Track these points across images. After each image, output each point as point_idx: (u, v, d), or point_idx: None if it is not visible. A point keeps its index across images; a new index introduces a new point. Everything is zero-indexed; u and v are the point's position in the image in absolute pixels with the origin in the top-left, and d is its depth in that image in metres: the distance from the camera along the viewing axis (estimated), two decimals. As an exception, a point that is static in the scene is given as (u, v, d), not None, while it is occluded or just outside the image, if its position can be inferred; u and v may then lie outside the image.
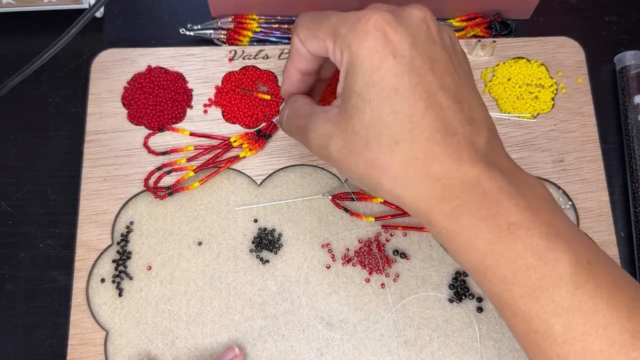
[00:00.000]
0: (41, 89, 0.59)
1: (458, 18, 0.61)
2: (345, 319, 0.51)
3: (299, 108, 0.43)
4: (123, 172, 0.55)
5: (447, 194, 0.35)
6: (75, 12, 0.55)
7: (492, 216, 0.34)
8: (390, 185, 0.36)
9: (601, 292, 0.33)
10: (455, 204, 0.35)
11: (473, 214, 0.34)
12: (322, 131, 0.39)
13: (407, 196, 0.36)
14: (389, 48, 0.35)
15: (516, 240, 0.34)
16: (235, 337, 0.51)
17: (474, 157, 0.35)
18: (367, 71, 0.35)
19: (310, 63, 0.43)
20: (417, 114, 0.35)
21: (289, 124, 0.44)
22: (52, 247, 0.54)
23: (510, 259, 0.34)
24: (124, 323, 0.51)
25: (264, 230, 0.53)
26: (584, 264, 0.34)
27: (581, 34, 0.61)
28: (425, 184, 0.35)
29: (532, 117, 0.57)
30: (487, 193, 0.34)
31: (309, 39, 0.40)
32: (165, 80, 0.57)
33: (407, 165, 0.35)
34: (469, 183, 0.35)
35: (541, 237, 0.34)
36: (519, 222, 0.34)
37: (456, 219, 0.35)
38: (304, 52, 0.42)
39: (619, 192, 0.57)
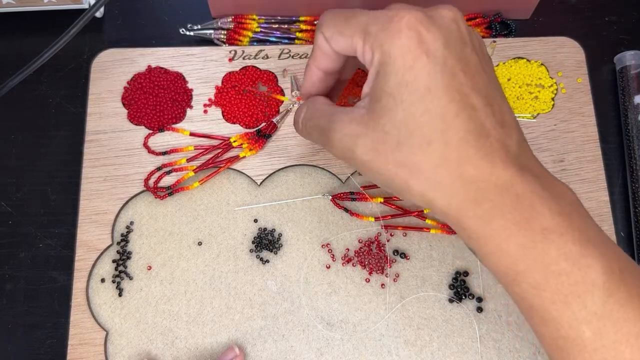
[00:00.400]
0: (41, 89, 0.59)
1: (458, 18, 0.61)
2: (345, 319, 0.51)
3: (319, 108, 0.42)
4: (123, 172, 0.55)
5: (479, 197, 0.34)
6: (75, 12, 0.55)
7: (525, 220, 0.34)
8: (421, 187, 0.35)
9: (632, 300, 0.33)
10: (487, 206, 0.34)
11: (505, 217, 0.34)
12: (348, 132, 0.37)
13: (438, 198, 0.35)
14: (422, 47, 0.34)
15: (550, 245, 0.33)
16: (235, 337, 0.51)
17: (507, 159, 0.34)
18: (400, 70, 0.35)
19: (334, 62, 0.42)
20: (450, 115, 0.34)
21: (306, 124, 0.43)
22: (52, 247, 0.54)
23: (543, 264, 0.33)
24: (124, 323, 0.51)
25: (264, 230, 0.53)
26: (615, 272, 0.33)
27: (581, 34, 0.61)
28: (457, 185, 0.34)
29: (532, 117, 0.57)
30: (521, 196, 0.34)
31: (335, 36, 0.39)
32: (165, 80, 0.57)
33: (439, 166, 0.34)
34: (502, 186, 0.34)
35: (574, 242, 0.33)
36: (553, 227, 0.33)
37: (488, 222, 0.34)
38: (328, 50, 0.41)
39: (619, 192, 0.57)
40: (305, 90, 0.45)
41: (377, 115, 0.36)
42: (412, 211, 0.54)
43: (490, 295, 0.52)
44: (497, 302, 0.52)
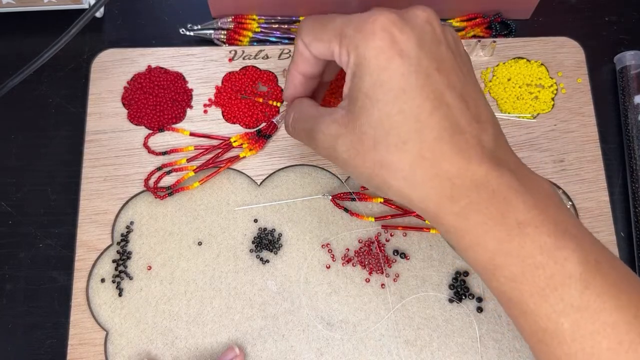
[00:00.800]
0: (41, 89, 0.59)
1: (458, 18, 0.61)
2: (345, 319, 0.51)
3: (305, 110, 0.43)
4: (123, 172, 0.55)
5: (455, 193, 0.35)
6: (75, 12, 0.55)
7: (501, 214, 0.34)
8: (399, 185, 0.36)
9: (609, 291, 0.33)
10: (464, 202, 0.35)
11: (482, 213, 0.34)
12: (329, 132, 0.39)
13: (416, 196, 0.36)
14: (396, 48, 0.35)
15: (525, 239, 0.34)
16: (235, 337, 0.51)
17: (482, 155, 0.35)
18: (375, 71, 0.35)
19: (314, 67, 0.43)
20: (425, 114, 0.35)
21: (295, 127, 0.44)
22: (52, 247, 0.54)
23: (519, 257, 0.34)
24: (124, 323, 0.51)
25: (264, 230, 0.53)
26: (592, 263, 0.34)
27: (581, 34, 0.61)
28: (433, 183, 0.35)
29: (532, 117, 0.57)
30: (496, 191, 0.34)
31: (313, 42, 0.40)
32: (165, 80, 0.57)
33: (415, 164, 0.35)
34: (478, 182, 0.35)
35: (550, 235, 0.34)
36: (528, 220, 0.34)
37: (465, 217, 0.35)
38: (308, 55, 0.42)
39: (619, 192, 0.57)
40: (288, 93, 0.46)
41: (354, 115, 0.37)
42: (412, 211, 0.54)
43: (490, 296, 0.52)
44: (497, 302, 0.51)
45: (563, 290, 0.33)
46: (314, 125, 0.40)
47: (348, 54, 0.37)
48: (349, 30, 0.37)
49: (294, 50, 0.43)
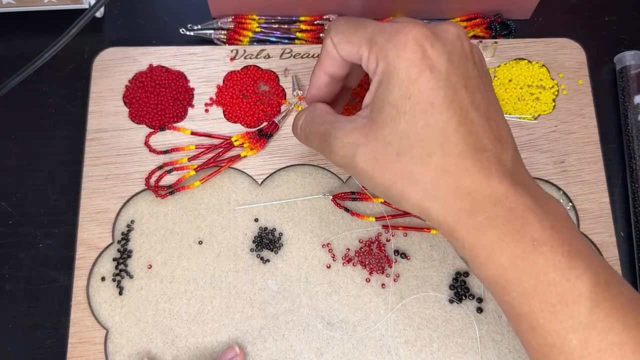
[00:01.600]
0: (41, 89, 0.59)
1: (458, 18, 0.62)
2: (346, 319, 0.51)
3: (320, 115, 0.43)
4: (124, 171, 0.55)
5: (475, 208, 0.35)
6: (75, 12, 0.55)
7: (517, 232, 0.35)
8: (418, 196, 0.36)
9: (617, 311, 0.34)
10: (482, 218, 0.35)
11: (499, 229, 0.35)
12: (349, 140, 0.39)
13: (435, 209, 0.36)
14: (427, 62, 0.36)
15: (539, 257, 0.34)
16: (235, 336, 0.51)
17: (502, 174, 0.36)
18: (404, 83, 0.36)
19: (340, 68, 0.43)
20: (451, 129, 0.35)
21: (306, 129, 0.44)
22: (52, 247, 0.54)
23: (532, 274, 0.34)
24: (124, 322, 0.51)
25: (265, 229, 0.53)
26: (602, 283, 0.34)
27: (581, 34, 0.61)
28: (455, 197, 0.36)
29: (533, 119, 0.57)
30: (514, 209, 0.35)
31: (342, 43, 0.40)
32: (166, 79, 0.57)
33: (438, 178, 0.36)
34: (497, 199, 0.35)
35: (564, 254, 0.34)
36: (543, 239, 0.35)
37: (482, 232, 0.35)
38: (336, 55, 0.42)
39: (619, 192, 0.57)
40: (310, 94, 0.45)
41: (378, 125, 0.37)
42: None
43: (490, 296, 0.52)
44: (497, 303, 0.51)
45: (573, 308, 0.34)
46: (330, 131, 0.40)
47: (377, 62, 0.37)
48: (380, 38, 0.37)
49: (322, 50, 0.43)
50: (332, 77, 0.44)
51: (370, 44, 0.38)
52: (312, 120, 0.43)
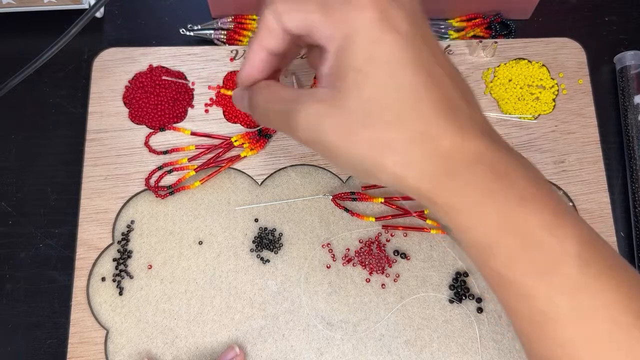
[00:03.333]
0: (41, 89, 0.59)
1: (458, 18, 0.62)
2: (345, 319, 0.51)
3: (277, 93, 0.39)
4: (124, 171, 0.55)
5: (454, 170, 0.33)
6: (75, 12, 0.55)
7: (501, 190, 0.33)
8: (394, 164, 0.34)
9: (605, 272, 0.33)
10: (462, 179, 0.33)
11: (481, 188, 0.33)
12: (314, 112, 0.35)
13: (411, 175, 0.34)
14: (389, 22, 0.34)
15: (527, 214, 0.33)
16: (235, 337, 0.51)
17: (479, 132, 0.34)
18: (368, 45, 0.34)
19: (281, 42, 0.39)
20: (422, 89, 0.33)
21: (266, 108, 0.40)
22: (52, 247, 0.54)
23: (519, 233, 0.33)
24: (124, 322, 0.51)
25: (265, 229, 0.53)
26: (589, 242, 0.33)
27: (581, 34, 0.61)
28: (432, 160, 0.33)
29: (533, 118, 0.57)
30: (495, 167, 0.33)
31: (288, 12, 0.37)
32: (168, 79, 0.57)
33: (412, 141, 0.33)
34: (476, 157, 0.33)
35: (550, 212, 0.33)
36: (528, 197, 0.33)
37: (463, 194, 0.33)
38: (276, 28, 0.38)
39: (619, 191, 0.57)
40: (245, 73, 0.41)
41: (343, 93, 0.34)
42: (412, 211, 0.54)
43: (490, 296, 0.52)
44: (497, 302, 0.51)
45: (562, 269, 0.32)
46: (293, 107, 0.37)
47: (334, 26, 0.35)
48: (335, 2, 0.35)
49: (259, 23, 0.39)
50: (271, 53, 0.40)
51: (323, 9, 0.35)
52: (271, 98, 0.39)
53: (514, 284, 0.34)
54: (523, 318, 0.35)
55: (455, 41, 0.60)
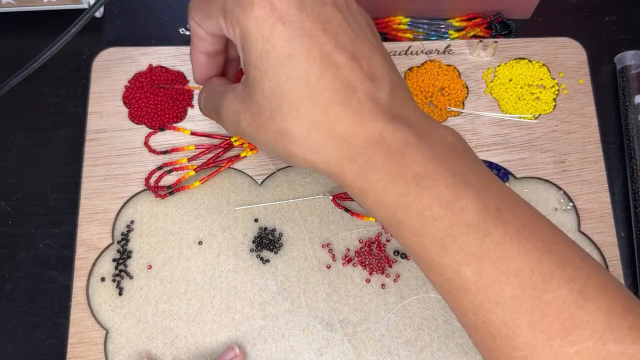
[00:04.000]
0: (41, 89, 0.59)
1: (458, 18, 0.61)
2: (346, 319, 0.51)
3: (213, 89, 0.43)
4: (124, 171, 0.55)
5: (353, 153, 0.35)
6: (75, 12, 0.55)
7: (398, 169, 0.34)
8: (300, 151, 0.36)
9: (510, 237, 0.33)
10: (361, 161, 0.35)
11: (379, 170, 0.34)
12: (232, 109, 0.39)
13: (318, 160, 0.36)
14: (276, 15, 0.35)
15: (423, 192, 0.34)
16: (235, 337, 0.51)
17: (376, 112, 0.35)
18: (259, 42, 0.35)
19: (213, 44, 0.42)
20: (314, 77, 0.35)
21: (206, 107, 0.43)
22: (52, 247, 0.54)
23: (418, 210, 0.34)
24: (124, 322, 0.51)
25: (265, 229, 0.53)
26: (492, 211, 0.34)
27: (581, 34, 0.61)
28: (331, 145, 0.35)
29: (533, 118, 0.57)
30: (392, 147, 0.34)
31: (203, 20, 0.40)
32: (166, 79, 0.57)
33: (311, 129, 0.35)
34: (373, 139, 0.34)
35: (447, 186, 0.34)
36: (425, 173, 0.34)
37: (364, 176, 0.35)
38: (203, 34, 0.41)
39: (619, 192, 0.57)
40: (197, 76, 0.45)
41: (249, 89, 0.37)
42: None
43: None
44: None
45: (462, 240, 0.33)
46: (220, 102, 0.40)
47: (233, 29, 0.37)
48: (229, 5, 0.36)
49: (190, 31, 0.42)
50: (209, 54, 0.43)
51: (224, 13, 0.37)
52: (207, 96, 0.43)
53: (423, 258, 0.35)
54: (437, 286, 0.36)
55: (455, 41, 0.60)
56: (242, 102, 0.38)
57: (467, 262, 0.33)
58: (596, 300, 0.32)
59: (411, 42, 0.60)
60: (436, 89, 0.58)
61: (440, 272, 0.34)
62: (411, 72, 0.58)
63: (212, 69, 0.45)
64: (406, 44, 0.59)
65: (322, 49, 0.35)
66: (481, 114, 0.57)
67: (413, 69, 0.58)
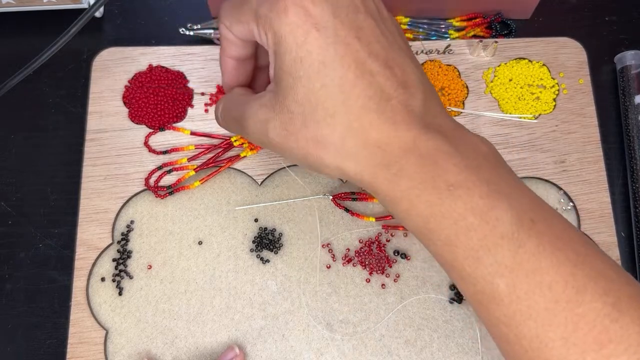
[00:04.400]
0: (41, 89, 0.59)
1: (458, 18, 0.61)
2: (346, 319, 0.51)
3: (234, 99, 0.42)
4: (124, 171, 0.55)
5: (386, 160, 0.35)
6: (75, 12, 0.55)
7: (431, 178, 0.34)
8: (333, 159, 0.36)
9: (544, 249, 0.33)
10: (395, 169, 0.34)
11: (412, 178, 0.34)
12: (259, 117, 0.38)
13: (350, 167, 0.36)
14: (311, 21, 0.34)
15: (457, 201, 0.33)
16: (235, 337, 0.51)
17: (410, 120, 0.35)
18: (293, 48, 0.35)
19: (243, 49, 0.42)
20: (348, 84, 0.34)
21: (225, 116, 0.43)
22: (52, 247, 0.54)
23: (451, 219, 0.34)
24: (123, 322, 0.51)
25: (265, 229, 0.53)
26: (526, 222, 0.34)
27: (581, 34, 0.61)
28: (365, 152, 0.35)
29: (533, 118, 0.57)
30: (425, 155, 0.34)
31: (234, 24, 0.39)
32: (166, 79, 0.57)
33: (345, 136, 0.35)
34: (406, 147, 0.34)
35: (482, 196, 0.33)
36: (459, 182, 0.34)
37: (397, 184, 0.35)
38: (233, 38, 0.41)
39: (619, 191, 0.57)
40: (225, 82, 0.45)
41: (281, 96, 0.36)
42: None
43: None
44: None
45: (496, 251, 0.33)
46: (243, 112, 0.40)
47: (266, 34, 0.36)
48: (263, 10, 0.36)
49: (220, 35, 0.42)
50: (239, 59, 0.43)
51: (256, 18, 0.37)
52: (227, 106, 0.43)
53: (455, 267, 0.35)
54: (469, 296, 0.36)
55: (455, 41, 0.60)
56: (270, 110, 0.37)
57: (500, 274, 0.33)
58: (630, 313, 0.32)
59: (411, 42, 0.60)
60: (436, 89, 0.58)
61: (473, 282, 0.34)
62: (411, 72, 0.58)
63: (241, 74, 0.44)
64: (406, 43, 0.59)
65: (356, 56, 0.35)
66: (481, 114, 0.57)
67: (413, 69, 0.58)
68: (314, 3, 0.35)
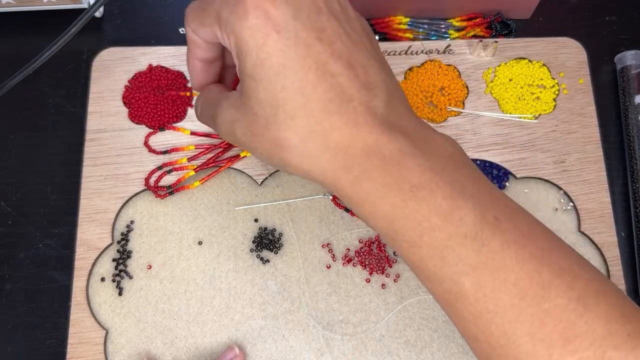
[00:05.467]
0: (41, 89, 0.59)
1: (458, 18, 0.61)
2: (346, 319, 0.51)
3: (209, 97, 0.43)
4: (123, 171, 0.55)
5: (349, 163, 0.34)
6: (75, 12, 0.55)
7: (394, 180, 0.34)
8: (296, 160, 0.36)
9: (509, 247, 0.33)
10: (357, 171, 0.34)
11: (375, 180, 0.34)
12: (227, 118, 0.38)
13: (314, 170, 0.36)
14: (271, 24, 0.34)
15: (420, 202, 0.33)
16: (235, 337, 0.51)
17: (372, 122, 0.34)
18: (253, 51, 0.35)
19: (209, 51, 0.42)
20: (309, 86, 0.34)
21: (203, 114, 0.43)
22: (51, 247, 0.54)
23: (415, 221, 0.33)
24: (123, 322, 0.51)
25: (265, 229, 0.53)
26: (490, 221, 0.33)
27: (581, 34, 0.61)
28: (327, 155, 0.35)
29: (533, 118, 0.57)
30: (387, 157, 0.34)
31: (198, 27, 0.39)
32: (166, 79, 0.57)
33: (306, 139, 0.35)
34: (369, 149, 0.34)
35: (445, 197, 0.33)
36: (422, 184, 0.34)
37: (360, 186, 0.34)
38: (199, 41, 0.41)
39: (619, 191, 0.57)
40: (194, 82, 0.45)
41: (245, 98, 0.36)
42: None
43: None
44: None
45: (460, 251, 0.33)
46: (215, 111, 0.40)
47: (228, 38, 0.36)
48: (224, 13, 0.36)
49: (187, 38, 0.42)
50: (206, 61, 0.43)
51: (219, 22, 0.37)
52: (204, 104, 0.43)
53: (421, 268, 0.35)
54: (437, 297, 0.36)
55: (455, 41, 0.60)
56: (237, 110, 0.38)
57: (465, 273, 0.33)
58: (595, 308, 0.32)
59: (411, 42, 0.60)
60: (436, 89, 0.58)
61: (439, 282, 0.34)
62: (411, 72, 0.58)
63: (209, 75, 0.45)
64: (406, 43, 0.59)
65: (318, 57, 0.35)
66: (481, 114, 0.57)
67: (413, 69, 0.58)
68: (274, 5, 0.34)
